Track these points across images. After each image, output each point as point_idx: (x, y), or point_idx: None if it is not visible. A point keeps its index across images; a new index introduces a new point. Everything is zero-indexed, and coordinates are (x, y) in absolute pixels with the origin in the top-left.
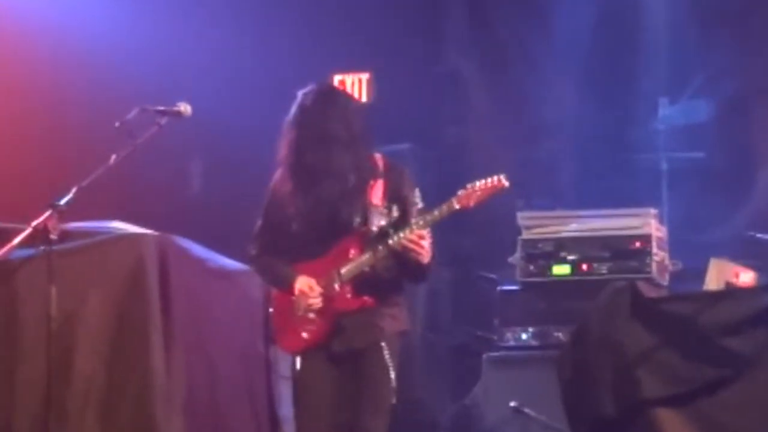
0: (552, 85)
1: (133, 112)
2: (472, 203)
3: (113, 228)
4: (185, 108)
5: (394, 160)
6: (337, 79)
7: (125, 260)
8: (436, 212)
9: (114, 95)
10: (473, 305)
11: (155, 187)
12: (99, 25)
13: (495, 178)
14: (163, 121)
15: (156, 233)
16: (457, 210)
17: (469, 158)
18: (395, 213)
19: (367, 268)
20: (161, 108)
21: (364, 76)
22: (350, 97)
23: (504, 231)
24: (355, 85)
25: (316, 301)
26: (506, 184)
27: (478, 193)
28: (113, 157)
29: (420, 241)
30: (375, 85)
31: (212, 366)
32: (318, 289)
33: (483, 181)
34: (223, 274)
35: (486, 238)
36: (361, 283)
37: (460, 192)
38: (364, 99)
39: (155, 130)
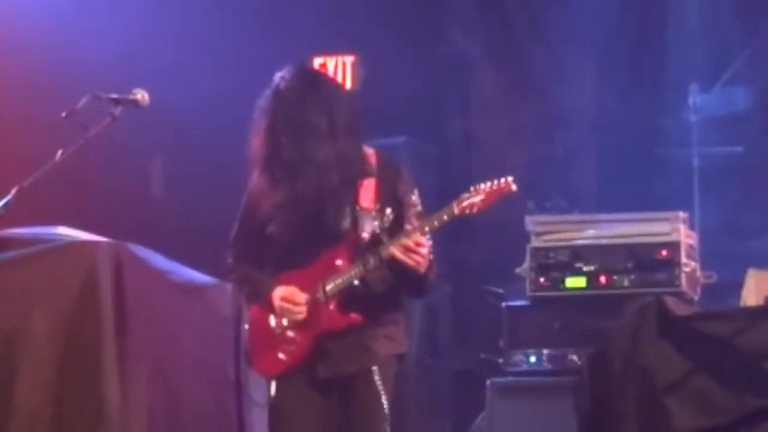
0: (569, 71)
1: (83, 101)
2: (475, 209)
3: (59, 235)
4: (143, 96)
5: (390, 156)
6: (317, 62)
7: (74, 273)
8: (434, 220)
9: (61, 82)
10: (476, 324)
11: (109, 187)
12: (46, 3)
13: (502, 180)
14: (118, 111)
15: (110, 241)
16: (457, 216)
17: (474, 154)
18: (389, 217)
19: (356, 281)
20: (115, 96)
21: (349, 59)
22: (335, 81)
23: (511, 238)
24: (339, 69)
25: (301, 311)
26: (514, 187)
27: (483, 197)
28: (60, 152)
29: (417, 248)
30: (362, 69)
31: (176, 394)
32: (303, 297)
33: (488, 184)
34: (189, 288)
35: (491, 246)
36: (350, 298)
37: (463, 196)
38: (348, 85)
39: (108, 121)
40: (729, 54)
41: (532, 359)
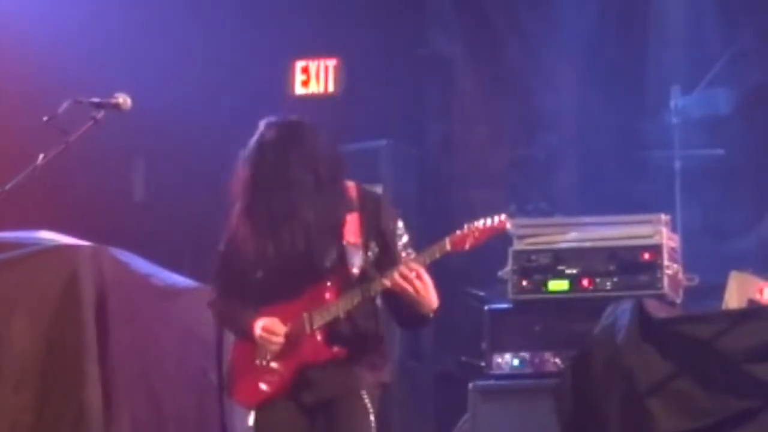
0: (551, 73)
1: (65, 105)
2: (467, 245)
3: (41, 239)
4: (125, 100)
5: (369, 190)
6: (300, 65)
7: (56, 276)
8: (426, 256)
9: (43, 86)
10: (458, 327)
11: (90, 191)
12: (28, 7)
13: (495, 219)
14: (100, 114)
15: (91, 245)
16: (448, 252)
17: (455, 157)
18: (374, 250)
19: (342, 315)
20: (97, 100)
21: (331, 63)
22: (318, 133)
23: (493, 241)
24: (321, 72)
25: (279, 341)
26: (509, 226)
27: (476, 234)
28: (41, 156)
29: (413, 278)
30: (345, 72)
31: (157, 397)
32: (282, 329)
33: (482, 222)
34: (170, 292)
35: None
36: (334, 331)
37: (456, 233)
38: (331, 89)
39: (90, 125)
40: (710, 56)
41: (515, 362)
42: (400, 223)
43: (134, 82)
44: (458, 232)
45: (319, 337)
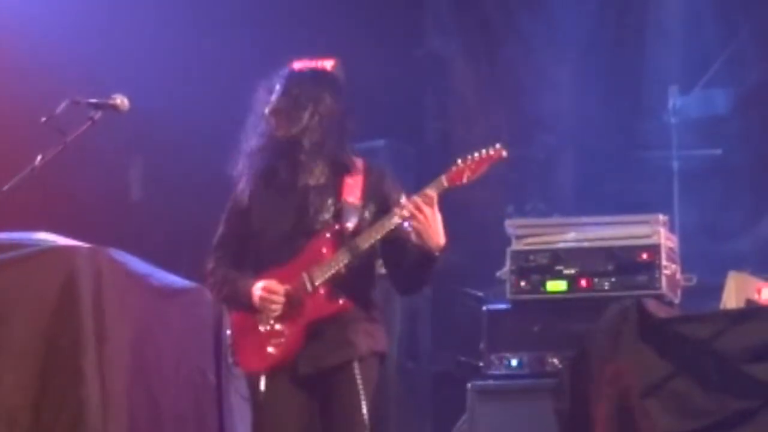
0: (548, 73)
1: (63, 106)
2: (465, 179)
3: (39, 240)
4: (122, 101)
5: (376, 162)
6: (296, 66)
7: (53, 277)
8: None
9: (41, 86)
10: (456, 327)
11: (88, 192)
12: (27, 7)
13: (491, 147)
14: (97, 115)
15: (89, 246)
16: (446, 188)
17: (452, 156)
18: (371, 211)
19: (342, 268)
20: (95, 100)
21: (329, 63)
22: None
23: (492, 241)
24: None
25: (279, 300)
26: (504, 154)
27: (473, 166)
28: (39, 157)
29: (415, 211)
30: (342, 73)
31: (155, 398)
32: (282, 288)
33: (478, 153)
34: (168, 292)
35: (471, 249)
36: (336, 286)
37: (451, 168)
38: None
39: (88, 126)
40: (708, 56)
41: (513, 362)
42: (404, 194)
43: (132, 82)
44: (453, 168)
45: (321, 292)
